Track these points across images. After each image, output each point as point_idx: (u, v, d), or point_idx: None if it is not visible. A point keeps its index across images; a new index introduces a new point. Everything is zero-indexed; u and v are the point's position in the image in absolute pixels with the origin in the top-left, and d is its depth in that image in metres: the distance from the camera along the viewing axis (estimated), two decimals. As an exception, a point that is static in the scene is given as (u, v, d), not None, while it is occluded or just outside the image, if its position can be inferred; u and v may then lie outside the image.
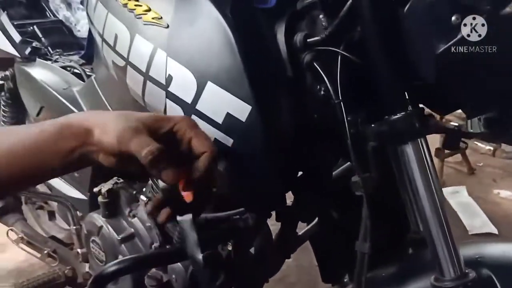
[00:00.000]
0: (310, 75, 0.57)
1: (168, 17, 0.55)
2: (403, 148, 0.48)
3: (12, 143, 0.43)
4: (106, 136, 0.42)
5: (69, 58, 1.07)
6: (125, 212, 0.84)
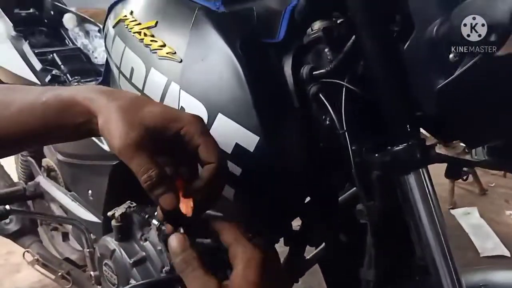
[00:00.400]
0: (316, 106, 0.60)
1: (181, 52, 0.58)
2: (405, 178, 0.50)
3: (19, 109, 0.44)
4: (108, 134, 0.41)
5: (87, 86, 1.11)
6: (137, 235, 0.86)
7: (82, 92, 0.45)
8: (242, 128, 0.53)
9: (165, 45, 0.60)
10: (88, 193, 0.98)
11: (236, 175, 0.54)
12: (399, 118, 0.50)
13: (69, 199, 1.09)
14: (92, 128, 0.44)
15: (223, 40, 0.56)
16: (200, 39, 0.58)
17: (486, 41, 0.34)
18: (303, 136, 0.60)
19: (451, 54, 0.44)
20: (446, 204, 2.38)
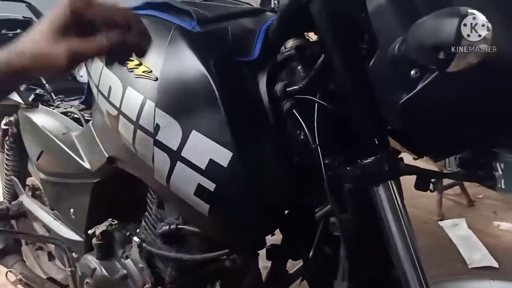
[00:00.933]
0: (290, 121, 0.61)
1: (157, 70, 0.60)
2: (375, 190, 0.51)
3: None
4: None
5: (70, 104, 1.12)
6: (119, 253, 0.86)
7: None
8: (216, 144, 0.54)
9: (141, 64, 0.62)
10: (70, 212, 0.98)
11: (211, 190, 0.55)
12: (367, 132, 0.51)
13: (52, 218, 1.08)
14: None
15: (197, 59, 0.57)
16: (175, 58, 0.59)
17: (437, 59, 0.35)
18: (278, 151, 0.61)
19: (413, 70, 0.46)
20: (435, 216, 2.40)
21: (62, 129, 0.98)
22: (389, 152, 0.53)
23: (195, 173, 0.55)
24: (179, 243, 0.76)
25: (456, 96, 0.44)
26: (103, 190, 0.89)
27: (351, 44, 0.51)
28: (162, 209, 0.79)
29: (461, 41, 0.33)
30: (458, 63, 0.34)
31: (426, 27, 0.36)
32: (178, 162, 0.56)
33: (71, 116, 1.05)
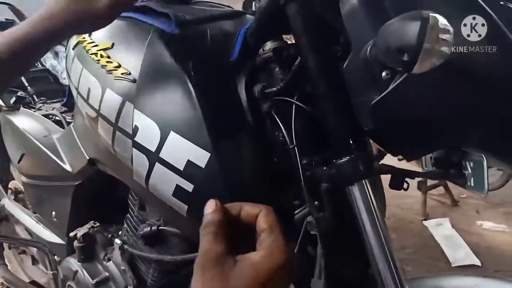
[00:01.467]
0: (269, 122, 0.62)
1: (136, 72, 0.60)
2: (350, 189, 0.52)
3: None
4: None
5: (52, 106, 1.11)
6: (101, 256, 0.86)
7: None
8: (194, 145, 0.55)
9: (120, 66, 0.62)
10: (52, 214, 0.97)
11: (189, 191, 0.55)
12: (341, 133, 0.52)
13: (34, 221, 1.08)
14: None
15: (175, 61, 0.58)
16: (154, 60, 0.60)
17: (402, 61, 0.36)
18: (257, 152, 0.62)
19: (384, 72, 0.47)
20: (419, 216, 2.43)
21: (43, 131, 0.98)
22: (364, 152, 0.54)
23: (173, 174, 0.56)
24: (160, 244, 0.76)
25: (425, 97, 0.45)
26: (85, 192, 0.88)
27: (325, 46, 0.52)
28: (144, 210, 0.79)
29: (423, 44, 0.34)
30: (422, 64, 0.36)
31: (392, 30, 0.38)
32: (157, 163, 0.56)
33: (53, 119, 1.04)
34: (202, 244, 0.39)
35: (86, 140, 0.80)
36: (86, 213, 0.90)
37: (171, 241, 0.75)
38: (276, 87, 0.59)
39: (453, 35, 0.36)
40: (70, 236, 0.87)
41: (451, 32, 0.35)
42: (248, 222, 0.43)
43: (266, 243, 0.40)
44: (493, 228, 2.30)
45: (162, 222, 0.75)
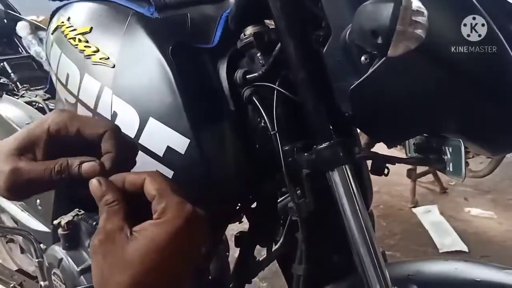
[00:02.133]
0: (250, 108, 0.62)
1: (114, 57, 0.59)
2: (330, 175, 0.52)
3: None
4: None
5: (35, 93, 1.10)
6: (86, 243, 0.85)
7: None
8: (173, 131, 0.54)
9: (99, 50, 0.61)
10: (37, 203, 0.96)
11: (168, 177, 0.55)
12: (321, 118, 0.52)
13: (19, 209, 1.07)
14: None
15: (154, 45, 0.57)
16: (132, 45, 0.59)
17: (376, 44, 0.36)
18: (238, 138, 0.61)
19: (363, 56, 0.47)
20: (409, 203, 2.45)
21: (26, 119, 0.96)
22: (344, 137, 0.54)
23: (153, 160, 0.55)
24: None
25: (402, 83, 0.45)
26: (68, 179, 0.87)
27: (305, 31, 0.52)
28: (127, 197, 0.78)
29: (396, 26, 0.33)
30: (397, 47, 0.35)
31: (366, 12, 0.37)
32: (136, 150, 0.56)
33: (36, 106, 1.03)
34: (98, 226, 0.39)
35: (67, 127, 0.79)
36: (71, 200, 0.89)
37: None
38: (258, 72, 0.59)
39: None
40: (54, 224, 0.87)
41: (425, 14, 0.34)
42: (137, 192, 0.41)
43: (158, 209, 0.38)
44: (481, 215, 2.33)
45: (145, 209, 0.74)
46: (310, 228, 0.58)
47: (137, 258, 0.36)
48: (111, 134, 0.43)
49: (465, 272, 0.57)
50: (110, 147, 0.43)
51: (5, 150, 0.41)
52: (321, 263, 0.64)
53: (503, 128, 0.45)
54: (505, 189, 2.62)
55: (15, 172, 0.40)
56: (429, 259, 0.62)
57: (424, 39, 0.36)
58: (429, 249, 2.00)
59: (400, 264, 0.61)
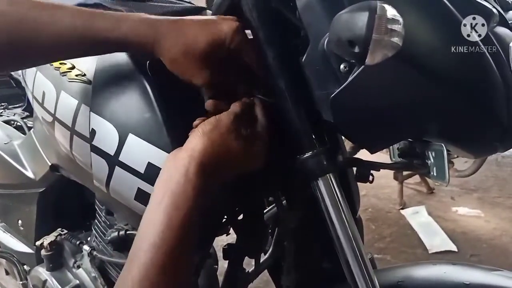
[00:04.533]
0: (232, 119, 0.61)
1: (90, 74, 0.58)
2: (315, 184, 0.52)
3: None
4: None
5: (13, 112, 1.07)
6: (70, 263, 0.83)
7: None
8: (153, 147, 0.53)
9: (74, 67, 0.60)
10: (18, 223, 0.94)
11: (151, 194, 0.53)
12: (303, 128, 0.51)
13: (1, 230, 1.04)
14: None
15: (131, 61, 0.56)
16: (109, 60, 0.57)
17: (353, 53, 0.36)
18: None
19: (342, 64, 0.46)
20: (397, 205, 2.47)
21: (4, 138, 0.94)
22: (327, 146, 0.54)
23: (134, 177, 0.54)
24: (129, 249, 0.75)
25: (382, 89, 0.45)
26: (50, 199, 0.85)
27: (282, 40, 0.52)
28: (111, 215, 0.77)
29: (372, 35, 0.33)
30: (374, 56, 0.35)
31: (342, 22, 0.37)
32: (116, 167, 0.55)
33: (14, 125, 1.00)
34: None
35: (46, 146, 0.77)
36: (53, 220, 0.87)
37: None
38: (238, 83, 0.58)
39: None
40: (37, 245, 0.84)
41: (401, 22, 0.34)
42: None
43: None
44: (468, 214, 2.35)
45: (130, 227, 0.73)
46: (298, 237, 0.58)
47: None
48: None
49: (454, 275, 0.57)
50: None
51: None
52: (311, 272, 0.63)
53: (483, 131, 0.45)
54: (491, 187, 2.66)
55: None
56: (418, 263, 0.62)
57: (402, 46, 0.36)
58: (419, 251, 2.01)
59: (389, 270, 0.61)
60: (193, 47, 0.47)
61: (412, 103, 0.43)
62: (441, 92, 0.42)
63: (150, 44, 0.48)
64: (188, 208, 0.41)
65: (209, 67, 0.49)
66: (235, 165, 0.48)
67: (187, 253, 0.41)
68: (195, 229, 0.42)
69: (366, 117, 0.47)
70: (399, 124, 0.48)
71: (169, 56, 0.48)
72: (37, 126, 0.80)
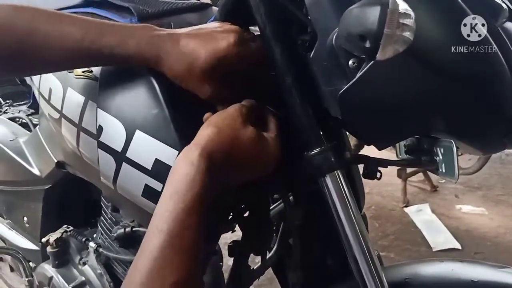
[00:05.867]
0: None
1: (97, 70, 0.58)
2: (322, 181, 0.51)
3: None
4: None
5: (18, 109, 1.08)
6: (76, 260, 0.83)
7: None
8: (161, 143, 0.53)
9: (81, 64, 0.59)
10: (24, 220, 0.94)
11: (158, 191, 0.54)
12: (310, 124, 0.51)
13: (6, 227, 1.04)
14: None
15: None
16: (116, 57, 0.57)
17: (364, 48, 0.36)
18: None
19: (350, 60, 0.46)
20: (400, 203, 2.47)
21: (10, 135, 0.94)
22: (335, 142, 0.53)
23: (141, 173, 0.54)
24: (136, 246, 0.75)
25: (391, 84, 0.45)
26: (55, 196, 0.86)
27: (290, 36, 0.51)
28: (117, 212, 0.77)
29: (384, 29, 0.33)
30: (385, 51, 0.35)
31: (353, 16, 0.37)
32: (124, 164, 0.55)
33: (19, 122, 1.01)
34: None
35: (52, 143, 0.77)
36: (59, 217, 0.87)
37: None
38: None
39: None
40: (43, 241, 0.85)
41: (413, 17, 0.34)
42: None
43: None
44: (472, 212, 2.35)
45: (136, 223, 0.73)
46: (304, 234, 0.57)
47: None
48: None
49: (461, 272, 0.57)
50: None
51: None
52: (317, 268, 0.63)
53: (492, 127, 0.45)
54: (494, 184, 2.65)
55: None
56: (425, 261, 0.61)
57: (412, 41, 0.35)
58: (423, 248, 2.00)
59: (397, 267, 0.61)
60: (194, 65, 0.49)
61: (421, 98, 0.43)
62: (450, 87, 0.42)
63: (153, 62, 0.50)
64: (194, 194, 0.41)
65: (212, 81, 0.50)
66: (246, 158, 0.47)
67: (194, 242, 0.40)
68: (201, 218, 0.42)
69: (375, 113, 0.47)
70: (407, 120, 0.48)
71: (172, 74, 0.50)
72: (43, 123, 0.80)
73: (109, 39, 0.49)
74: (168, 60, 0.49)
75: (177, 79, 0.50)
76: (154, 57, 0.49)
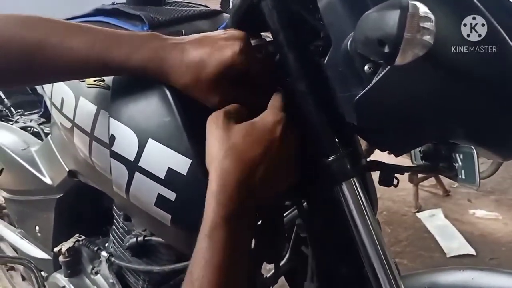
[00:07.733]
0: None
1: (109, 79, 0.58)
2: (338, 189, 0.50)
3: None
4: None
5: (30, 118, 1.08)
6: (88, 269, 0.83)
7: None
8: (174, 152, 0.52)
9: (93, 73, 0.59)
10: (36, 230, 0.94)
11: (171, 200, 0.53)
12: (326, 131, 0.50)
13: (18, 237, 1.04)
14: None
15: (150, 65, 0.55)
16: (127, 65, 0.57)
17: (383, 53, 0.35)
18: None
19: (366, 65, 0.45)
20: (412, 208, 2.43)
21: (21, 144, 0.95)
22: (351, 149, 0.52)
23: (154, 183, 0.53)
24: (148, 255, 0.74)
25: (409, 89, 0.44)
26: (67, 205, 0.86)
27: (304, 42, 0.51)
28: (129, 221, 0.76)
29: (404, 33, 0.32)
30: (405, 55, 0.34)
31: (370, 21, 0.36)
32: (136, 173, 0.54)
33: (31, 131, 1.01)
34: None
35: (64, 152, 0.77)
36: (71, 226, 0.87)
37: (158, 251, 0.72)
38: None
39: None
40: (55, 251, 0.84)
41: (433, 20, 0.33)
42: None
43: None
44: (486, 216, 2.31)
45: (148, 232, 0.72)
46: (319, 243, 0.56)
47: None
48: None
49: (482, 281, 0.55)
50: None
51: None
52: (331, 278, 0.62)
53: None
54: (508, 189, 2.61)
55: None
56: (444, 269, 0.60)
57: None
58: (437, 254, 1.97)
59: (415, 275, 0.59)
60: (200, 75, 0.49)
61: (439, 104, 0.42)
62: (469, 92, 0.41)
63: (159, 76, 0.50)
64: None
65: (219, 90, 0.50)
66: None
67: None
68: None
69: (391, 119, 0.46)
70: (425, 126, 0.47)
71: (180, 85, 0.50)
72: (55, 132, 0.80)
73: (114, 54, 0.49)
74: (174, 73, 0.49)
75: (185, 90, 0.50)
76: (159, 71, 0.50)
